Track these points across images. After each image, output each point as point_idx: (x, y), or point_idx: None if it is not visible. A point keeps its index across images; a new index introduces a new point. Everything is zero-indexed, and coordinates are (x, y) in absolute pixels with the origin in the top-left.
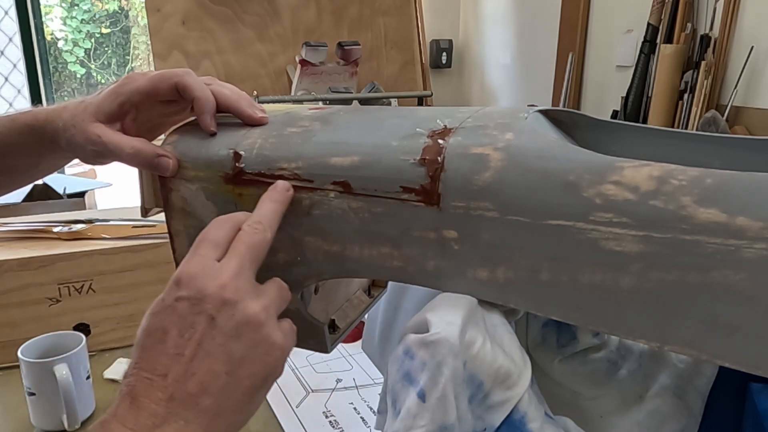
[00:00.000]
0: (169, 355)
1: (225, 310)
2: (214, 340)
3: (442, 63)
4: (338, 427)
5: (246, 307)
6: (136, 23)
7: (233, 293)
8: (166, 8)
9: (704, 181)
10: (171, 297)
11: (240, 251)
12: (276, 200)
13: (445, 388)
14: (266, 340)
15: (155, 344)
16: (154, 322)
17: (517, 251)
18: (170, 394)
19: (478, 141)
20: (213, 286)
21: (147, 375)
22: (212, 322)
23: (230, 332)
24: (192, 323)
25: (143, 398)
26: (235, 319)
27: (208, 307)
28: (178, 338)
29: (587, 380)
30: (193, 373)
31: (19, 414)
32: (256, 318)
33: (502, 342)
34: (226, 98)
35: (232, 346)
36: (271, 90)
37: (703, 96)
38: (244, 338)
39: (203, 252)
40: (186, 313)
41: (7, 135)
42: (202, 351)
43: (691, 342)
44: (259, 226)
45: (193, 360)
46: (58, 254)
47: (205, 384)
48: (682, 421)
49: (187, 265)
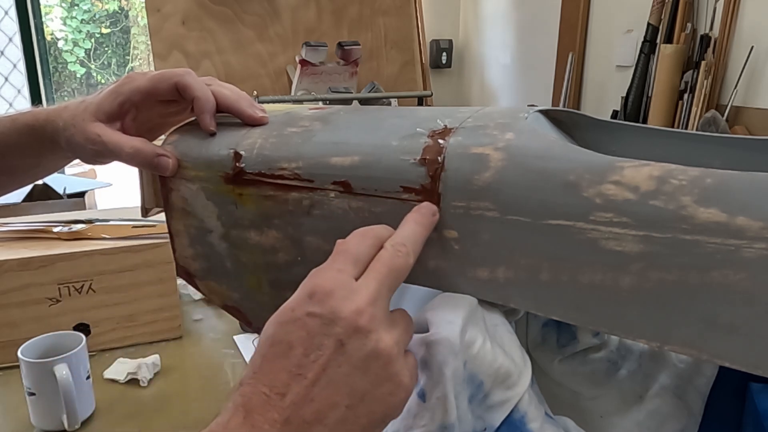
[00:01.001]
0: (290, 374)
1: (357, 337)
2: (340, 369)
3: (442, 63)
4: None
5: (379, 338)
6: (136, 23)
7: (368, 321)
8: (166, 8)
9: (704, 181)
10: (302, 310)
11: (381, 274)
12: (422, 224)
13: (446, 388)
14: (393, 379)
15: (278, 358)
16: (281, 333)
17: (517, 251)
18: (286, 417)
19: (479, 141)
20: (348, 309)
21: (265, 390)
22: (341, 348)
23: (358, 363)
24: (320, 345)
25: (258, 416)
26: (365, 350)
27: (339, 330)
28: (303, 357)
29: (587, 380)
30: (312, 399)
31: (19, 414)
32: (388, 352)
33: (502, 342)
34: (226, 98)
35: (357, 379)
36: (271, 90)
37: (703, 96)
38: (371, 372)
39: (341, 266)
40: (316, 332)
41: (7, 135)
42: (325, 377)
43: (691, 342)
44: (403, 249)
45: (314, 385)
46: (58, 254)
47: (323, 414)
48: (682, 421)
49: (323, 278)
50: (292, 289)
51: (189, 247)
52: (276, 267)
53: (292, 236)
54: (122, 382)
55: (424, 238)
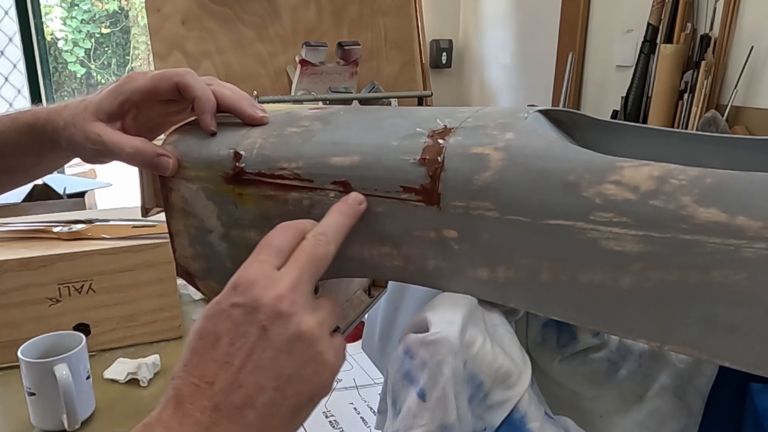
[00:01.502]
0: (218, 363)
1: (279, 322)
2: (265, 353)
3: (442, 63)
4: (338, 427)
5: (300, 321)
6: (136, 23)
7: (289, 306)
8: (166, 8)
9: (704, 180)
10: (227, 301)
11: (301, 262)
12: (345, 213)
13: (445, 388)
14: (317, 359)
15: (206, 350)
16: (208, 325)
17: (517, 251)
18: (215, 403)
19: (478, 141)
20: (269, 296)
21: (194, 380)
22: (264, 333)
23: (282, 346)
24: (245, 332)
25: (189, 404)
26: (288, 333)
27: (262, 317)
28: (229, 346)
29: (587, 380)
30: (240, 384)
31: (19, 414)
32: (310, 334)
33: (502, 342)
34: (226, 98)
35: (282, 361)
36: (271, 90)
37: (703, 96)
38: (295, 354)
39: (264, 258)
40: (240, 320)
41: (7, 134)
42: (251, 363)
43: (691, 342)
44: (323, 238)
45: (241, 371)
46: (58, 254)
47: (251, 397)
48: (682, 421)
49: (247, 270)
50: None
51: (189, 247)
52: None
53: None
54: (122, 382)
55: (347, 227)
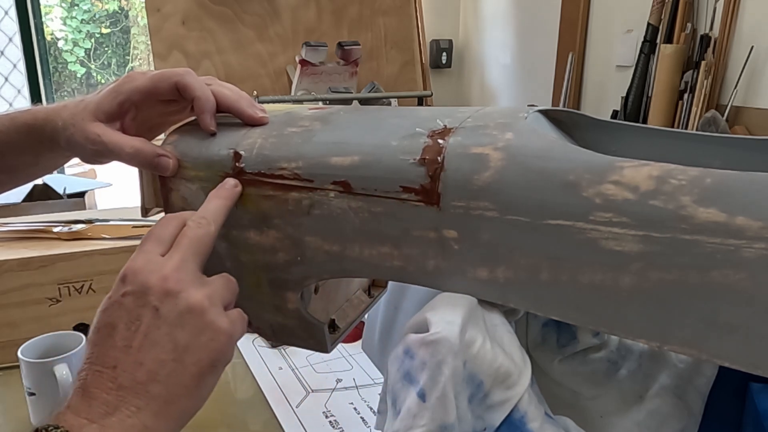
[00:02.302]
0: (117, 348)
1: (168, 300)
2: (159, 330)
3: (442, 63)
4: (338, 427)
5: (189, 296)
6: (136, 23)
7: (175, 284)
8: (166, 8)
9: (704, 180)
10: (118, 293)
11: (183, 245)
12: (222, 196)
13: (445, 388)
14: (210, 327)
15: (105, 339)
16: (103, 318)
17: (516, 251)
18: (119, 383)
19: (478, 141)
20: (155, 278)
21: (98, 368)
22: (156, 312)
23: (174, 321)
24: (138, 316)
25: (94, 389)
26: (178, 308)
27: (152, 299)
28: (125, 331)
29: (587, 380)
30: (141, 362)
31: (19, 414)
32: (199, 305)
33: (502, 342)
34: (226, 98)
35: (176, 335)
36: (271, 90)
37: (703, 96)
38: (188, 326)
39: (148, 248)
40: (132, 306)
41: (6, 134)
42: (148, 341)
43: (691, 342)
44: (203, 221)
45: (140, 350)
46: (58, 254)
47: (153, 372)
48: (682, 421)
49: (132, 262)
50: (292, 288)
51: None
52: (276, 267)
53: (292, 236)
54: None
55: (226, 209)
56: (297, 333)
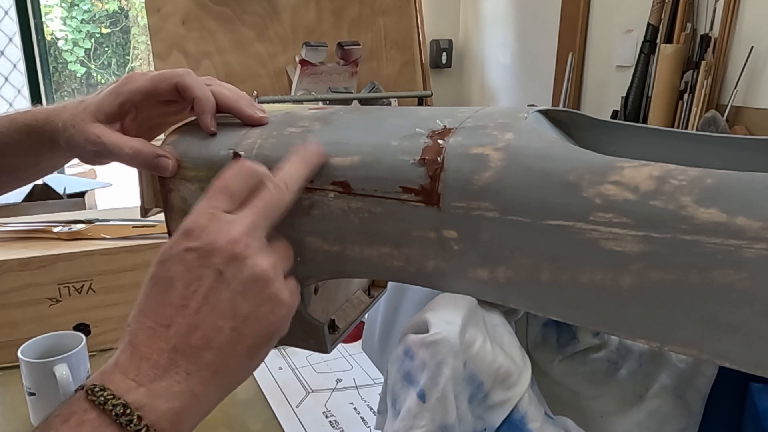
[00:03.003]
0: (174, 306)
1: (234, 264)
2: (221, 295)
3: (442, 63)
4: (338, 427)
5: (255, 263)
6: (136, 23)
7: (243, 248)
8: (166, 8)
9: (704, 181)
10: (179, 246)
11: (258, 207)
12: (307, 162)
13: (445, 388)
14: (273, 299)
15: (160, 294)
16: (161, 271)
17: (517, 251)
18: (173, 345)
19: (478, 141)
20: (223, 239)
21: (150, 324)
22: (220, 276)
23: (237, 288)
24: (199, 276)
25: (145, 348)
26: (243, 275)
27: (216, 260)
28: (184, 290)
29: (587, 380)
30: (197, 326)
31: (19, 414)
32: (265, 275)
33: (502, 342)
34: (226, 98)
35: (238, 302)
36: (271, 90)
37: (703, 96)
38: (250, 295)
39: (217, 203)
40: (194, 264)
41: (6, 135)
42: (207, 305)
43: (692, 342)
44: (282, 185)
45: (197, 313)
46: (58, 254)
47: (209, 338)
48: (682, 421)
49: (199, 215)
50: None
51: None
52: None
53: (292, 236)
54: None
55: (306, 177)
56: (297, 333)
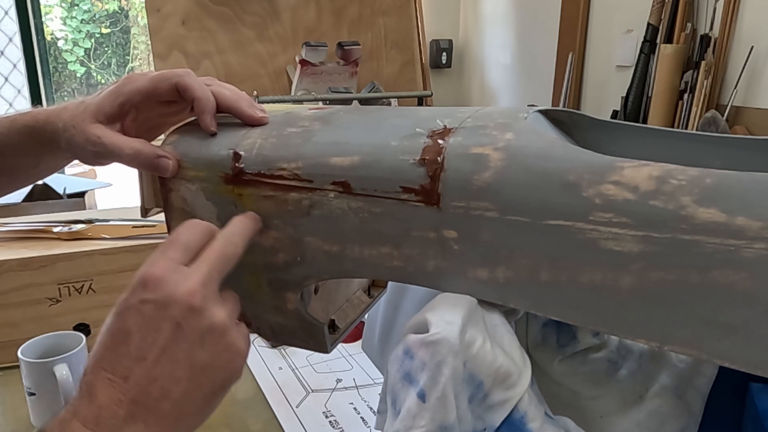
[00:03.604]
0: (131, 358)
1: (192, 316)
2: (179, 347)
3: (442, 63)
4: (338, 427)
5: (212, 314)
6: (136, 23)
7: (200, 300)
8: (166, 8)
9: (704, 181)
10: (136, 298)
11: (211, 260)
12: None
13: (445, 388)
14: (230, 348)
15: (118, 345)
16: (118, 323)
17: (517, 251)
18: (131, 397)
19: (478, 141)
20: (181, 291)
21: (108, 375)
22: (178, 328)
23: (195, 339)
24: (157, 328)
25: (103, 398)
26: (201, 326)
27: (174, 312)
28: (141, 342)
29: (587, 380)
30: (155, 378)
31: (19, 414)
32: (222, 325)
33: (502, 342)
34: (226, 98)
35: (196, 353)
36: (271, 90)
37: (703, 96)
38: (208, 345)
39: (171, 254)
40: (151, 316)
41: (7, 136)
42: (165, 357)
43: (691, 342)
44: (233, 239)
45: (156, 365)
46: (58, 254)
47: (167, 389)
48: (682, 421)
49: (154, 267)
50: (292, 289)
51: None
52: (275, 267)
53: (292, 236)
54: None
55: (252, 234)
56: (297, 333)
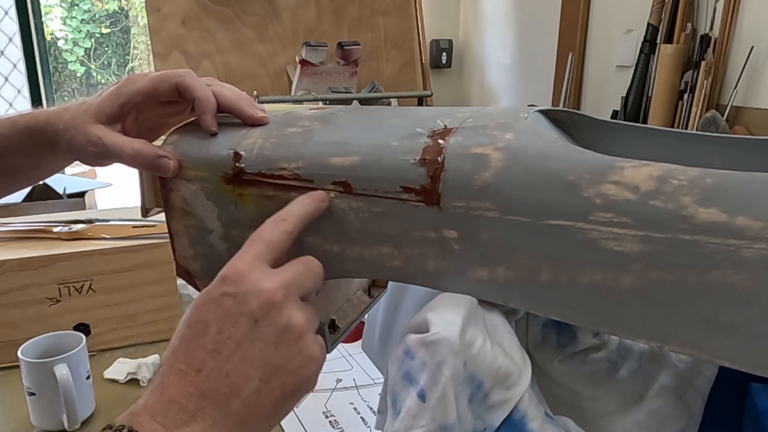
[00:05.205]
0: (206, 350)
1: (270, 313)
2: (254, 343)
3: (442, 63)
4: (338, 427)
5: (291, 314)
6: (136, 23)
7: (281, 298)
8: (166, 8)
9: (704, 180)
10: (217, 291)
11: (297, 270)
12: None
13: (445, 388)
14: (304, 353)
15: (194, 337)
16: (197, 313)
17: (517, 251)
18: (202, 391)
19: (479, 141)
20: (262, 287)
21: (182, 367)
22: (255, 324)
23: (271, 338)
24: (234, 322)
25: (174, 390)
26: (278, 326)
27: (253, 307)
28: (218, 335)
29: (587, 380)
30: (227, 373)
31: (19, 414)
32: (299, 327)
33: (502, 342)
34: (226, 98)
35: (270, 353)
36: (271, 90)
37: (703, 96)
38: (283, 347)
39: (255, 251)
40: (230, 310)
41: (7, 137)
42: (239, 353)
43: (691, 342)
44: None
45: (229, 360)
46: (58, 254)
47: (238, 387)
48: (682, 421)
49: (238, 262)
50: None
51: (189, 248)
52: None
53: None
54: (122, 382)
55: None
56: None
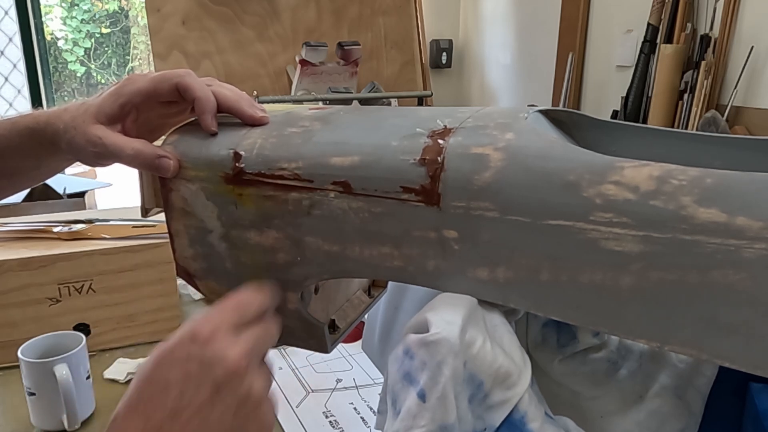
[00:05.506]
0: (166, 410)
1: (233, 382)
2: (213, 410)
3: (442, 63)
4: (338, 427)
5: (252, 384)
6: (136, 23)
7: (245, 367)
8: (166, 8)
9: (704, 181)
10: (183, 350)
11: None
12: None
13: (445, 388)
14: (261, 419)
15: (155, 395)
16: (159, 371)
17: (517, 251)
18: None
19: (479, 141)
20: (230, 354)
21: (140, 425)
22: (217, 391)
23: (231, 405)
24: (197, 386)
25: None
26: (239, 395)
27: (218, 374)
28: (179, 398)
29: (587, 380)
30: None
31: (19, 414)
32: (258, 396)
33: (502, 342)
34: (226, 98)
35: (227, 419)
36: (271, 90)
37: (703, 96)
38: (241, 414)
39: (228, 317)
40: (194, 373)
41: (8, 138)
42: (198, 418)
43: (691, 342)
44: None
45: (188, 424)
46: (58, 254)
47: None
48: (682, 421)
49: (208, 324)
50: (292, 289)
51: (189, 247)
52: (276, 267)
53: (292, 236)
54: (122, 382)
55: None
56: (297, 333)
